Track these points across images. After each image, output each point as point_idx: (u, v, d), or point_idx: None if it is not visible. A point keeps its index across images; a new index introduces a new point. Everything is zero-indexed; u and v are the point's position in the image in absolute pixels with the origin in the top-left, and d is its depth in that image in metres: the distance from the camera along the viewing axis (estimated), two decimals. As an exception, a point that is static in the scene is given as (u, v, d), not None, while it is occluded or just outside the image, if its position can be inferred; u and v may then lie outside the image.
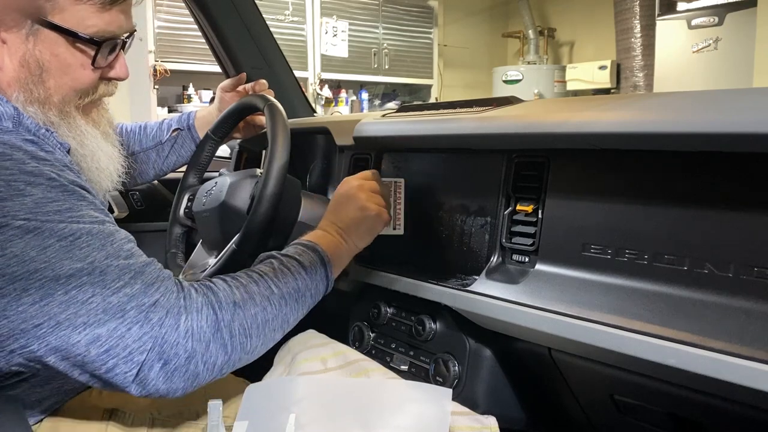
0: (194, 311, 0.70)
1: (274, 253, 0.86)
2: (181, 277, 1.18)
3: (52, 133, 0.74)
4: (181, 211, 1.30)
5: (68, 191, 0.67)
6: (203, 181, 1.30)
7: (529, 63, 6.23)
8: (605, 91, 5.39)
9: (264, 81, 1.40)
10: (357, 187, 0.98)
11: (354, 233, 0.95)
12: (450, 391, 0.81)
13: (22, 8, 0.72)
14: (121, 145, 1.35)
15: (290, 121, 1.14)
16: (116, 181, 0.88)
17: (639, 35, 5.04)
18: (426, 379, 1.01)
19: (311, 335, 0.96)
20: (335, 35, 5.34)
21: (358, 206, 0.96)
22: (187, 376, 0.69)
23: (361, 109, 5.62)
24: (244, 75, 1.45)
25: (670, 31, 4.77)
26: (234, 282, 0.77)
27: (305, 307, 0.84)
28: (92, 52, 0.77)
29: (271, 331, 0.78)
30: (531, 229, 0.87)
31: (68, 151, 0.76)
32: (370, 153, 1.18)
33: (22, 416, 0.70)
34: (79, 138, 0.80)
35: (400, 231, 1.05)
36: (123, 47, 0.82)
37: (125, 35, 0.81)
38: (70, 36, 0.74)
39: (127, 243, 0.71)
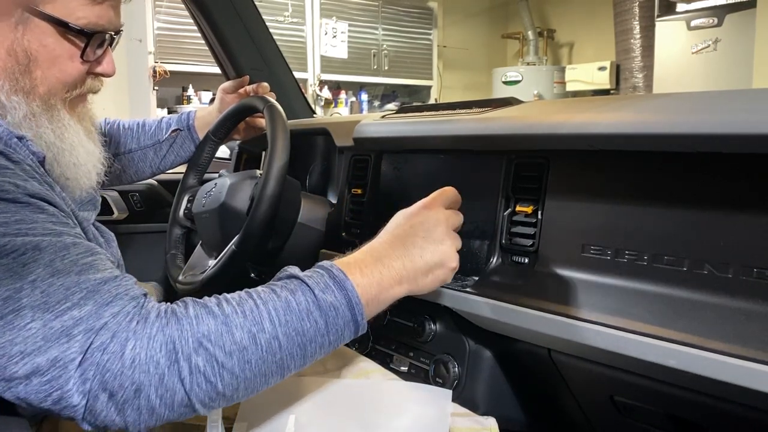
0: (145, 338, 0.60)
1: (294, 273, 0.71)
2: (181, 277, 1.18)
3: (26, 141, 0.71)
4: (181, 212, 1.30)
5: (22, 203, 0.61)
6: (203, 182, 1.30)
7: (528, 64, 6.24)
8: (605, 92, 5.40)
9: (266, 84, 1.40)
10: (446, 226, 0.78)
11: (419, 280, 0.75)
12: (450, 392, 0.81)
13: None
14: (117, 143, 1.35)
15: (290, 122, 1.15)
16: (94, 179, 0.85)
17: (638, 36, 5.04)
18: (426, 380, 1.01)
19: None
20: (335, 36, 5.34)
21: (439, 252, 0.76)
22: (141, 410, 0.60)
23: (361, 111, 5.62)
24: (246, 77, 1.45)
25: (669, 32, 4.78)
26: (215, 308, 0.64)
27: (314, 356, 0.68)
28: (81, 44, 0.76)
29: (258, 376, 0.64)
30: (531, 230, 0.87)
31: (42, 161, 0.72)
32: (370, 154, 1.18)
33: (21, 418, 0.69)
34: (59, 131, 0.78)
35: None
36: (111, 44, 0.82)
37: (113, 32, 0.80)
38: (60, 26, 0.73)
39: (87, 256, 0.63)
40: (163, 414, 0.61)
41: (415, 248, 0.75)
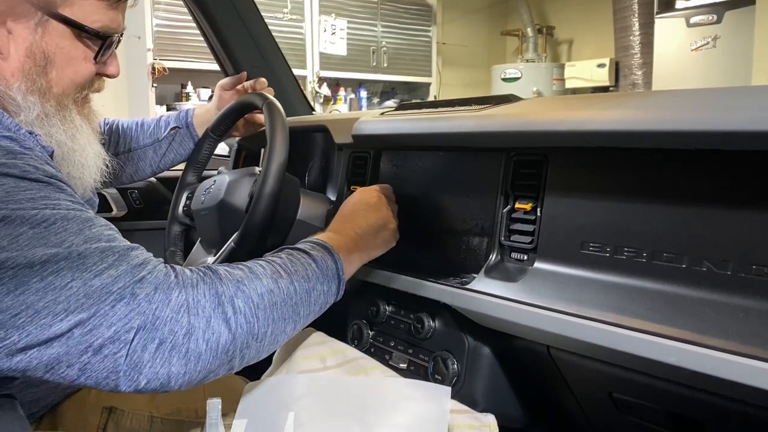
0: (189, 286, 0.67)
1: (282, 247, 0.84)
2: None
3: (35, 136, 0.74)
4: (180, 210, 1.30)
5: (43, 182, 0.65)
6: (202, 179, 1.30)
7: (527, 61, 6.22)
8: (604, 89, 5.39)
9: (263, 79, 1.40)
10: (380, 198, 0.98)
11: (371, 242, 0.93)
12: (449, 389, 0.81)
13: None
14: (116, 142, 1.35)
15: (289, 119, 1.14)
16: (98, 179, 0.88)
17: (638, 33, 5.03)
18: (425, 377, 1.01)
19: (310, 333, 0.95)
20: (334, 33, 5.33)
21: (379, 217, 0.95)
22: (189, 356, 0.64)
23: (360, 108, 5.61)
24: (244, 74, 1.44)
25: (668, 29, 4.77)
26: (238, 264, 0.75)
27: (317, 305, 0.80)
28: (95, 46, 0.80)
29: (281, 319, 0.73)
30: (530, 227, 0.87)
31: (51, 155, 0.74)
32: (369, 151, 1.18)
33: (20, 415, 0.69)
34: (71, 131, 0.81)
35: None
36: (117, 45, 0.85)
37: (119, 34, 0.83)
38: (77, 29, 0.77)
39: (108, 229, 0.67)
40: (207, 361, 0.66)
41: (360, 218, 0.93)
